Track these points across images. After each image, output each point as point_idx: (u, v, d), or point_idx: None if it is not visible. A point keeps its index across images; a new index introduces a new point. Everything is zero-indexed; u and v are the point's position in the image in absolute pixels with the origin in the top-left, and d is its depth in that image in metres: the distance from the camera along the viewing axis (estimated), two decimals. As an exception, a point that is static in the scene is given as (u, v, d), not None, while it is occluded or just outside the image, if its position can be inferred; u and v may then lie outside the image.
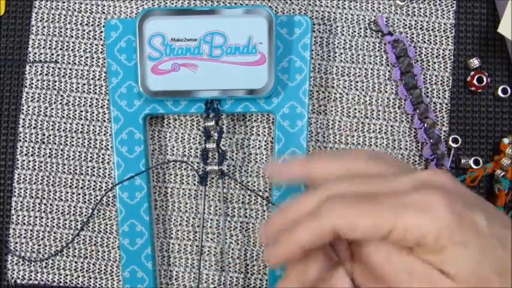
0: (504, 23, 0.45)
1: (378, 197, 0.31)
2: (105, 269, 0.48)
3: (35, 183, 0.48)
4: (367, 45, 0.48)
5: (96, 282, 0.47)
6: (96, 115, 0.48)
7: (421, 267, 0.30)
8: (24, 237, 0.48)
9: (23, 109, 0.48)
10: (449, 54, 0.49)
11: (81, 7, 0.49)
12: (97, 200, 0.48)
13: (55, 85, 0.48)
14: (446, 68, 0.49)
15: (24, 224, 0.48)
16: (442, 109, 0.48)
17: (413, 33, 0.49)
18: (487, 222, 0.30)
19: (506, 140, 0.48)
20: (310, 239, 0.31)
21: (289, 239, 0.32)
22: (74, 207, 0.48)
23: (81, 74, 0.48)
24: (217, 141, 0.45)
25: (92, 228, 0.48)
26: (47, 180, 0.48)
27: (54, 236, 0.48)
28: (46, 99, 0.48)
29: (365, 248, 0.31)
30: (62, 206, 0.48)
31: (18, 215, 0.48)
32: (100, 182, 0.48)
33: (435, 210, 0.29)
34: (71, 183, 0.48)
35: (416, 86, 0.47)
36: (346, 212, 0.30)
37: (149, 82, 0.44)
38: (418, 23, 0.49)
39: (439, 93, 0.48)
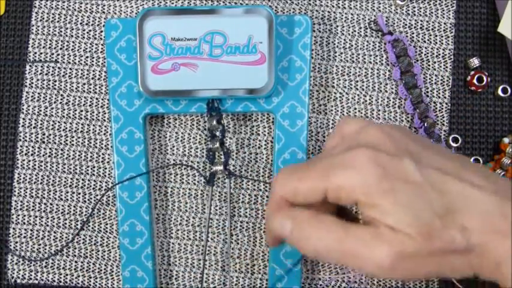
0: (504, 22, 0.45)
1: (315, 163, 0.33)
2: (105, 269, 0.48)
3: (35, 182, 0.48)
4: (367, 45, 0.48)
5: (96, 281, 0.47)
6: (96, 115, 0.48)
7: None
8: (24, 237, 0.48)
9: (23, 109, 0.48)
10: (449, 53, 0.49)
11: (81, 7, 0.49)
12: (97, 199, 0.48)
13: (55, 85, 0.48)
14: (446, 67, 0.49)
15: (24, 223, 0.48)
16: (442, 109, 0.48)
17: (413, 33, 0.49)
18: (417, 168, 0.30)
19: (506, 140, 0.48)
20: (271, 212, 0.34)
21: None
22: (74, 206, 0.48)
23: (81, 73, 0.48)
24: (221, 141, 0.45)
25: (92, 228, 0.48)
26: (47, 180, 0.48)
27: (54, 236, 0.48)
28: (46, 99, 0.48)
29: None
30: (62, 206, 0.48)
31: (18, 215, 0.48)
32: (100, 182, 0.48)
33: (359, 166, 0.31)
34: (71, 182, 0.48)
35: (416, 85, 0.47)
36: (287, 180, 0.33)
37: (149, 82, 0.44)
38: (418, 22, 0.49)
39: (439, 93, 0.49)
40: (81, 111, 0.48)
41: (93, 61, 0.48)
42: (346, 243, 0.31)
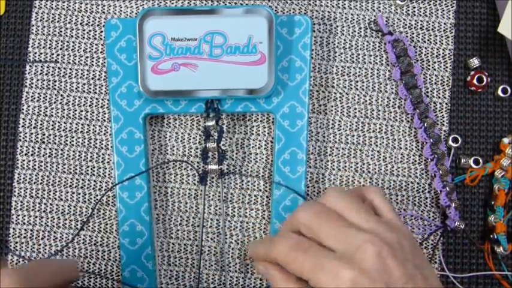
0: (504, 22, 0.45)
1: (312, 252, 0.37)
2: (105, 269, 0.48)
3: (35, 183, 0.48)
4: (367, 45, 0.48)
5: (96, 281, 0.47)
6: (96, 115, 0.48)
7: None
8: (24, 237, 0.48)
9: (23, 109, 0.48)
10: (449, 54, 0.49)
11: (81, 7, 0.49)
12: (97, 199, 0.48)
13: (55, 85, 0.48)
14: (446, 67, 0.49)
15: (24, 223, 0.48)
16: (442, 109, 0.48)
17: (413, 33, 0.49)
18: None
19: (506, 140, 0.48)
20: (263, 259, 0.40)
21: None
22: (74, 206, 0.48)
23: (81, 73, 0.48)
24: (218, 141, 0.45)
25: (92, 228, 0.48)
26: (47, 180, 0.48)
27: (54, 236, 0.48)
28: (46, 99, 0.48)
29: None
30: (62, 206, 0.48)
31: (18, 215, 0.48)
32: (100, 182, 0.48)
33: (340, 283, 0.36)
34: (71, 182, 0.48)
35: (416, 85, 0.47)
36: (283, 253, 0.38)
37: (149, 82, 0.44)
38: (418, 22, 0.49)
39: (439, 93, 0.49)
40: (81, 111, 0.48)
41: (93, 61, 0.48)
42: None
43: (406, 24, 0.49)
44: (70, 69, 0.48)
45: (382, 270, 0.36)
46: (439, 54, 0.49)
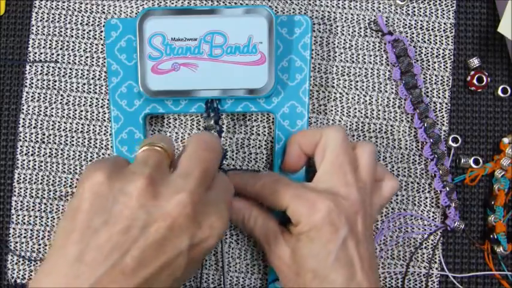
0: (504, 22, 0.45)
1: (293, 185, 0.41)
2: (105, 269, 0.47)
3: (35, 182, 0.48)
4: (367, 45, 0.48)
5: (96, 281, 0.47)
6: (96, 115, 0.48)
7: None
8: (25, 237, 0.48)
9: (23, 109, 0.48)
10: (449, 54, 0.49)
11: (81, 7, 0.49)
12: (97, 199, 0.48)
13: (55, 85, 0.48)
14: (446, 67, 0.49)
15: (24, 223, 0.48)
16: (442, 109, 0.48)
17: (413, 33, 0.49)
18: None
19: (506, 140, 0.48)
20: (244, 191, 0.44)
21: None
22: (74, 206, 0.48)
23: (81, 73, 0.48)
24: (218, 141, 0.45)
25: (92, 228, 0.48)
26: (47, 180, 0.48)
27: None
28: (46, 99, 0.48)
29: None
30: (62, 206, 0.48)
31: (19, 215, 0.48)
32: (100, 182, 0.48)
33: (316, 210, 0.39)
34: (71, 182, 0.48)
35: (416, 85, 0.47)
36: (266, 185, 0.42)
37: (149, 82, 0.44)
38: (418, 22, 0.49)
39: (439, 93, 0.49)
40: (81, 111, 0.48)
41: (93, 61, 0.48)
42: (261, 231, 0.43)
43: (406, 24, 0.49)
44: (70, 69, 0.48)
45: (351, 219, 0.39)
46: (439, 54, 0.49)
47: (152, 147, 0.37)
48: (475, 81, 0.48)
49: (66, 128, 0.48)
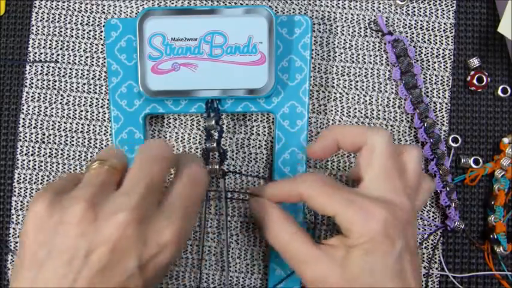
0: (504, 22, 0.45)
1: (345, 189, 0.38)
2: (105, 269, 0.47)
3: (35, 182, 0.48)
4: (367, 45, 0.49)
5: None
6: (97, 115, 0.48)
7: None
8: (25, 237, 0.48)
9: (23, 109, 0.48)
10: (449, 54, 0.49)
11: (81, 7, 0.49)
12: (97, 199, 0.48)
13: (55, 85, 0.48)
14: (446, 67, 0.49)
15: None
16: (442, 109, 0.48)
17: (413, 33, 0.49)
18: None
19: (506, 140, 0.48)
20: (282, 198, 0.42)
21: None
22: (74, 206, 0.48)
23: (81, 73, 0.48)
24: (218, 141, 0.45)
25: (92, 228, 0.48)
26: (47, 180, 0.48)
27: (54, 236, 0.48)
28: (46, 99, 0.48)
29: None
30: (62, 206, 0.48)
31: (19, 215, 0.48)
32: (100, 182, 0.48)
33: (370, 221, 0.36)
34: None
35: (416, 85, 0.47)
36: (314, 187, 0.38)
37: (149, 82, 0.44)
38: (418, 22, 0.49)
39: (439, 93, 0.49)
40: (81, 111, 0.48)
41: (93, 61, 0.48)
42: (295, 250, 0.39)
43: (406, 24, 0.49)
44: (70, 69, 0.48)
45: (404, 231, 0.37)
46: (439, 54, 0.49)
47: (102, 166, 0.36)
48: (475, 81, 0.48)
49: (66, 128, 0.48)
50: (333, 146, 0.41)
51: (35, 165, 0.48)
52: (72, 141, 0.48)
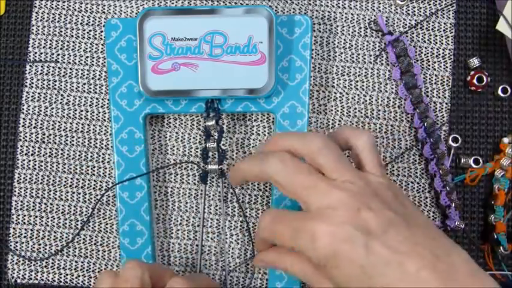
0: (503, 20, 0.45)
1: (287, 219, 0.38)
2: (105, 268, 0.48)
3: (35, 182, 0.48)
4: (367, 45, 0.49)
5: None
6: (97, 114, 0.48)
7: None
8: (25, 237, 0.48)
9: (23, 109, 0.48)
10: (449, 53, 0.49)
11: (81, 7, 0.49)
12: (97, 199, 0.48)
13: (55, 85, 0.48)
14: (447, 67, 0.49)
15: (24, 223, 0.48)
16: (442, 108, 0.48)
17: (413, 33, 0.49)
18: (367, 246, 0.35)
19: (506, 140, 0.48)
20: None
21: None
22: (74, 206, 0.48)
23: (82, 73, 0.48)
24: (218, 141, 0.45)
25: (92, 228, 0.48)
26: (47, 180, 0.48)
27: (54, 236, 0.48)
28: (46, 99, 0.48)
29: None
30: (62, 206, 0.48)
31: (19, 215, 0.48)
32: (100, 182, 0.48)
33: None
34: (71, 182, 0.48)
35: (416, 85, 0.47)
36: (266, 229, 0.39)
37: (149, 81, 0.44)
38: (418, 22, 0.49)
39: (439, 93, 0.49)
40: (81, 111, 0.48)
41: (93, 61, 0.48)
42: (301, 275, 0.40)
43: (406, 24, 0.49)
44: (70, 69, 0.48)
45: (356, 223, 0.35)
46: (439, 54, 0.49)
47: None
48: (475, 81, 0.48)
49: (66, 128, 0.48)
50: (244, 180, 0.42)
51: (35, 165, 0.48)
52: (72, 141, 0.48)
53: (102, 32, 0.49)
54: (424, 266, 0.34)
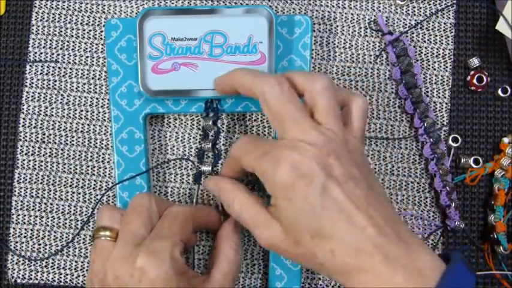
0: (502, 20, 0.45)
1: (260, 143, 0.39)
2: (105, 269, 0.47)
3: (35, 182, 0.48)
4: (367, 45, 0.49)
5: (96, 281, 0.47)
6: (97, 114, 0.48)
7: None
8: (25, 237, 0.48)
9: (23, 108, 0.48)
10: (449, 53, 0.49)
11: (81, 7, 0.49)
12: (97, 199, 0.48)
13: (55, 84, 0.48)
14: (446, 67, 0.49)
15: (24, 223, 0.48)
16: (442, 108, 0.49)
17: (413, 33, 0.49)
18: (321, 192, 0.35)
19: (506, 140, 0.48)
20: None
21: None
22: (74, 206, 0.48)
23: (82, 73, 0.48)
24: (213, 141, 0.45)
25: (92, 228, 0.48)
26: (47, 180, 0.48)
27: (54, 235, 0.48)
28: (46, 99, 0.48)
29: None
30: (62, 206, 0.48)
31: (19, 215, 0.48)
32: (100, 182, 0.48)
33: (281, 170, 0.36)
34: (71, 182, 0.48)
35: (416, 85, 0.47)
36: (238, 148, 0.40)
37: (149, 81, 0.44)
38: (418, 22, 0.49)
39: (439, 93, 0.49)
40: (81, 111, 0.48)
41: (93, 61, 0.48)
42: (247, 217, 0.39)
43: (406, 24, 0.49)
44: (70, 69, 0.48)
45: (323, 164, 0.36)
46: (439, 54, 0.49)
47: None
48: (475, 81, 0.48)
49: (66, 128, 0.48)
50: (231, 88, 0.42)
51: (35, 165, 0.48)
52: (72, 141, 0.48)
53: (102, 32, 0.49)
54: (372, 225, 0.35)
